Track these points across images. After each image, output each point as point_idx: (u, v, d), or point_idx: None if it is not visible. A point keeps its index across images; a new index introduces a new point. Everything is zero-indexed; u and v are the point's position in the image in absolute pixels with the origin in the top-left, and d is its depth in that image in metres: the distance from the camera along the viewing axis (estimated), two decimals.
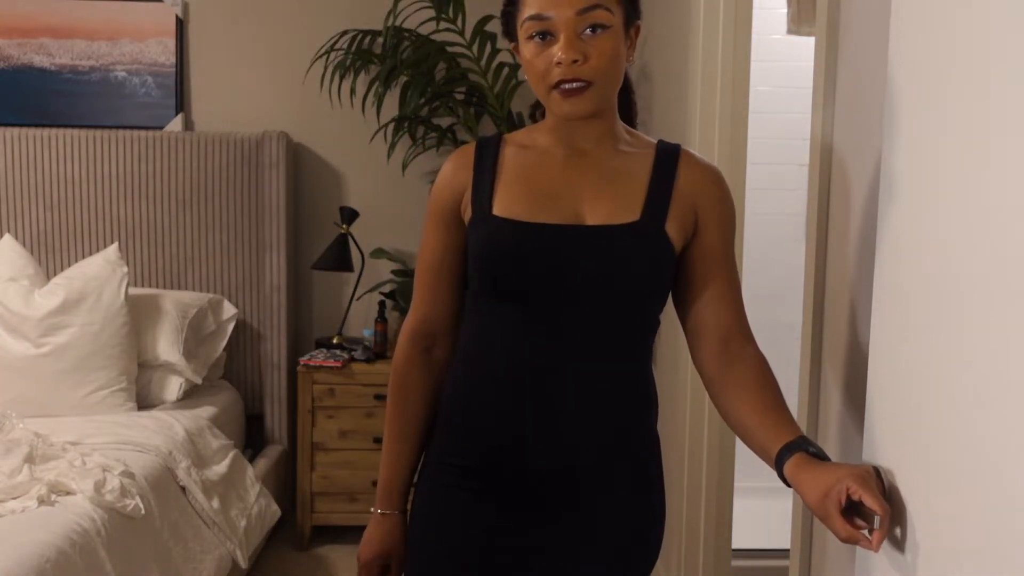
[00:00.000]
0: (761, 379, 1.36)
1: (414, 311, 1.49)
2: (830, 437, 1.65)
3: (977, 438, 0.96)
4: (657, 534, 1.48)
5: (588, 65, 1.31)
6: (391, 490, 1.49)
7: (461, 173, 1.44)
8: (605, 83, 1.34)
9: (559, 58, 1.31)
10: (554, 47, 1.32)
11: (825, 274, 1.68)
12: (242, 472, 3.02)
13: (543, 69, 1.33)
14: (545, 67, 1.33)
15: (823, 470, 1.17)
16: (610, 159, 1.41)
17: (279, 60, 3.63)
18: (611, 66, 1.34)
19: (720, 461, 2.54)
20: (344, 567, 3.23)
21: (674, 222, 1.39)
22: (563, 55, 1.30)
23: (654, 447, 1.47)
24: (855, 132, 1.56)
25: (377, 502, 1.50)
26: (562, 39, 1.31)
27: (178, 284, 3.51)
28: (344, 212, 3.49)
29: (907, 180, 1.13)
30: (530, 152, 1.44)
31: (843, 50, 1.61)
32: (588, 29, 1.31)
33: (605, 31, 1.32)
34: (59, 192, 3.44)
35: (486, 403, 1.41)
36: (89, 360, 2.91)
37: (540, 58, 1.33)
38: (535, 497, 1.40)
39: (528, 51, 1.35)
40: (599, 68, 1.32)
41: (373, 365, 3.37)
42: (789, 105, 3.71)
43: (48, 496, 2.11)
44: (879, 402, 1.20)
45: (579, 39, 1.31)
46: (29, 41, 3.55)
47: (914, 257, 1.11)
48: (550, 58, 1.32)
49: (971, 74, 0.98)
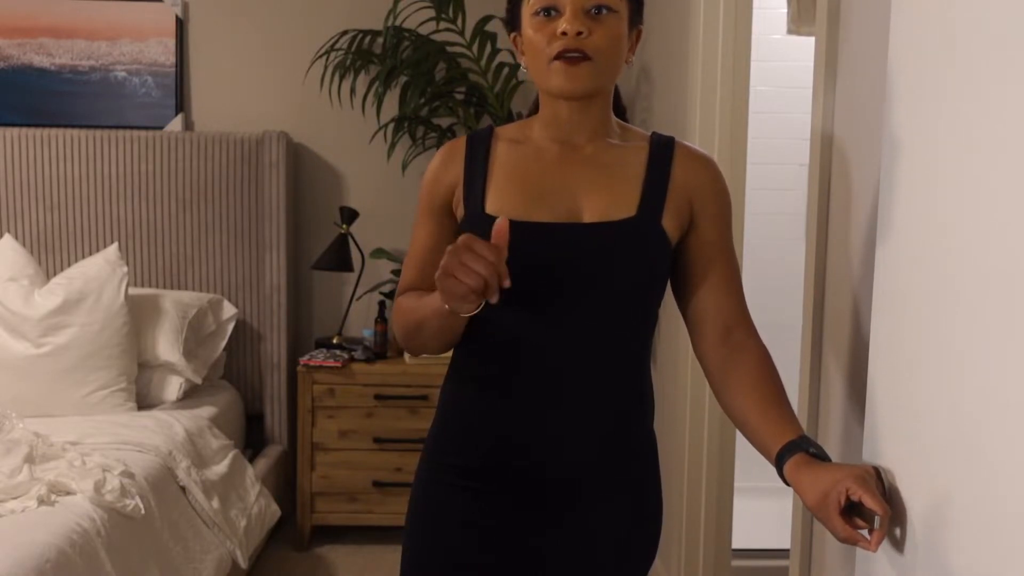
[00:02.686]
0: (763, 373, 1.35)
1: (400, 289, 1.47)
2: (831, 436, 1.65)
3: (978, 437, 0.96)
4: (655, 532, 1.48)
5: (591, 40, 1.31)
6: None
7: (451, 168, 1.43)
8: (605, 63, 1.34)
9: (564, 28, 1.31)
10: (558, 21, 1.32)
11: (825, 273, 1.68)
12: (242, 472, 3.02)
13: (545, 42, 1.33)
14: (547, 40, 1.33)
15: (823, 471, 1.17)
16: (604, 154, 1.41)
17: (279, 60, 3.63)
18: (613, 47, 1.34)
19: (720, 461, 2.54)
20: (344, 567, 3.23)
21: (670, 215, 1.38)
22: (568, 26, 1.30)
23: (651, 445, 1.47)
24: (855, 132, 1.56)
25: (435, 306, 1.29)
26: (568, 12, 1.31)
27: (178, 284, 3.51)
28: (344, 212, 3.49)
29: (907, 179, 1.13)
30: (523, 148, 1.43)
31: (843, 50, 1.61)
32: (594, 9, 1.32)
33: (611, 14, 1.33)
34: (59, 192, 3.44)
35: (484, 403, 1.41)
36: (89, 360, 2.91)
37: (543, 32, 1.33)
38: (534, 496, 1.40)
39: (531, 27, 1.35)
40: (601, 46, 1.32)
41: (373, 365, 3.37)
42: (789, 105, 3.71)
43: (48, 496, 2.11)
44: (879, 402, 1.20)
45: (585, 15, 1.32)
46: (29, 41, 3.55)
47: (914, 256, 1.11)
48: (553, 31, 1.32)
49: (971, 73, 0.98)
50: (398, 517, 1.57)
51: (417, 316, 1.37)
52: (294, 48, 3.60)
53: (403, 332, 1.43)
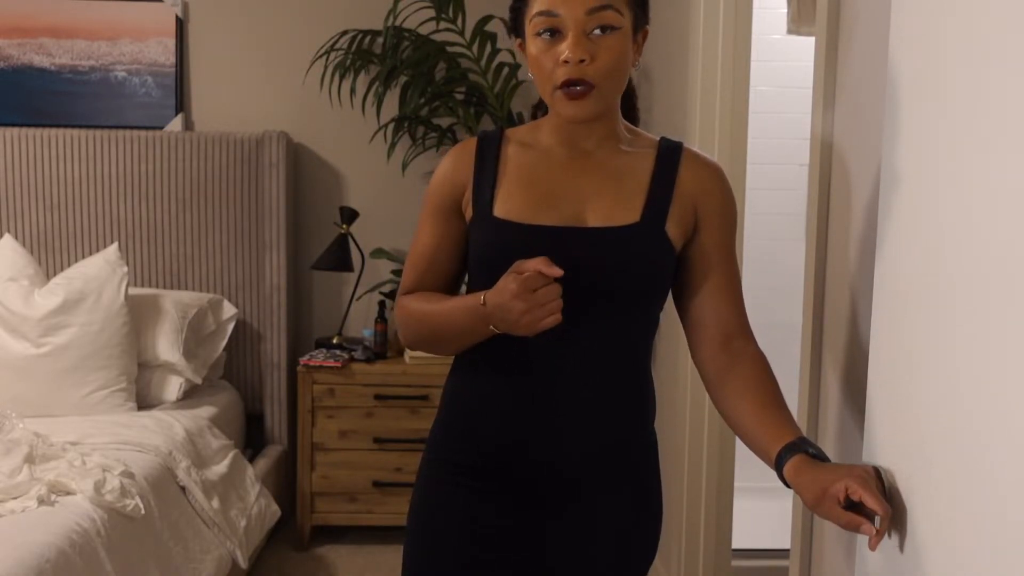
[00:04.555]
0: (761, 378, 1.35)
1: (403, 289, 1.49)
2: (830, 437, 1.65)
3: (977, 437, 0.96)
4: (656, 525, 1.49)
5: (594, 66, 1.31)
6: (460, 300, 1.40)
7: (462, 169, 1.44)
8: (609, 86, 1.34)
9: (566, 56, 1.30)
10: (561, 45, 1.31)
11: (825, 274, 1.68)
12: (242, 472, 3.02)
13: (549, 68, 1.32)
14: (551, 66, 1.32)
15: (823, 471, 1.17)
16: (612, 159, 1.41)
17: (279, 60, 3.63)
18: (616, 69, 1.33)
19: (720, 461, 2.54)
20: (344, 567, 3.23)
21: (674, 221, 1.39)
22: (570, 54, 1.30)
23: (652, 446, 1.48)
24: (855, 132, 1.56)
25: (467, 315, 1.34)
26: (570, 37, 1.30)
27: (178, 284, 3.51)
28: (344, 212, 3.49)
29: (907, 180, 1.13)
30: (532, 151, 1.43)
31: (843, 50, 1.61)
32: (597, 29, 1.31)
33: (614, 32, 1.32)
34: (59, 192, 3.44)
35: (487, 403, 1.42)
36: (89, 360, 2.91)
37: (546, 56, 1.32)
38: (535, 496, 1.41)
39: (535, 48, 1.34)
40: (604, 70, 1.31)
41: (373, 365, 3.36)
42: (789, 105, 3.71)
43: (48, 496, 2.11)
44: (879, 402, 1.20)
45: (587, 38, 1.31)
46: (29, 41, 3.55)
47: (914, 256, 1.11)
48: (556, 56, 1.31)
49: (971, 73, 0.98)
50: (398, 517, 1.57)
51: (438, 327, 1.40)
52: (294, 48, 3.60)
53: (415, 336, 1.44)
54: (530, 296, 1.24)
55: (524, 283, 1.24)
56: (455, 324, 1.37)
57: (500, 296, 1.27)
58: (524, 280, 1.25)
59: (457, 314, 1.36)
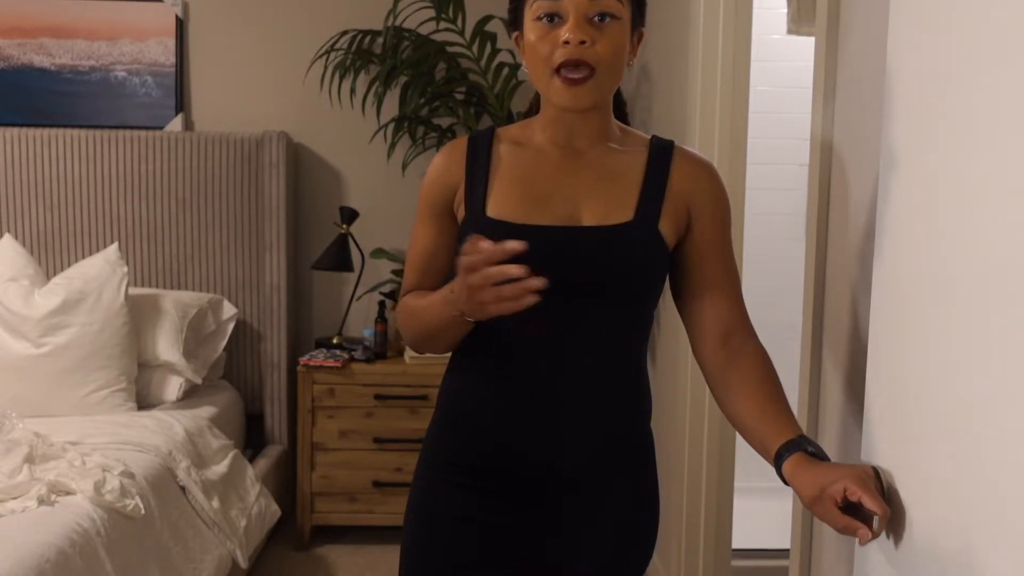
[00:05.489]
0: (762, 375, 1.35)
1: (404, 290, 1.50)
2: (830, 436, 1.65)
3: (976, 437, 0.96)
4: (653, 527, 1.49)
5: (594, 50, 1.31)
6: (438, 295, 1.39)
7: (454, 169, 1.44)
8: (607, 73, 1.34)
9: (567, 37, 1.30)
10: (561, 29, 1.31)
11: (825, 273, 1.68)
12: (242, 472, 3.02)
13: (547, 52, 1.32)
14: (550, 48, 1.32)
15: (822, 470, 1.17)
16: (604, 158, 1.41)
17: (279, 60, 3.63)
18: (615, 57, 1.33)
19: (720, 461, 2.54)
20: (344, 567, 3.23)
21: (667, 220, 1.39)
22: (571, 35, 1.29)
23: (649, 444, 1.48)
24: (855, 132, 1.56)
25: (443, 306, 1.34)
26: (571, 20, 1.30)
27: (178, 284, 3.51)
28: (344, 212, 3.49)
29: (906, 179, 1.13)
30: (525, 151, 1.43)
31: (843, 50, 1.61)
32: (597, 16, 1.31)
33: (614, 21, 1.32)
34: (59, 192, 3.44)
35: (483, 403, 1.42)
36: (89, 360, 2.91)
37: (545, 40, 1.32)
38: (533, 495, 1.41)
39: (534, 33, 1.34)
40: (604, 56, 1.31)
41: (373, 365, 3.37)
42: (789, 105, 3.71)
43: (48, 496, 2.11)
44: (878, 402, 1.20)
45: (588, 23, 1.31)
46: (29, 41, 3.55)
47: (913, 256, 1.11)
48: (556, 39, 1.31)
49: (970, 73, 0.98)
50: (398, 517, 1.57)
51: (423, 322, 1.39)
52: (294, 48, 3.60)
53: (410, 334, 1.45)
54: (473, 276, 1.20)
55: (466, 266, 1.22)
56: (435, 316, 1.36)
57: (457, 281, 1.26)
58: (465, 264, 1.22)
59: (435, 307, 1.35)
